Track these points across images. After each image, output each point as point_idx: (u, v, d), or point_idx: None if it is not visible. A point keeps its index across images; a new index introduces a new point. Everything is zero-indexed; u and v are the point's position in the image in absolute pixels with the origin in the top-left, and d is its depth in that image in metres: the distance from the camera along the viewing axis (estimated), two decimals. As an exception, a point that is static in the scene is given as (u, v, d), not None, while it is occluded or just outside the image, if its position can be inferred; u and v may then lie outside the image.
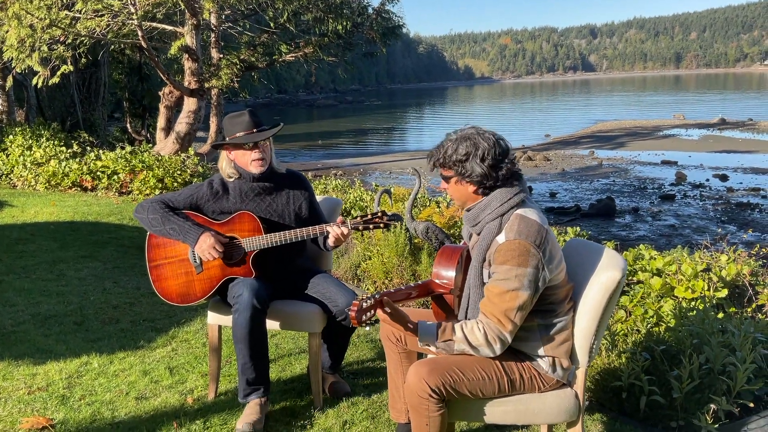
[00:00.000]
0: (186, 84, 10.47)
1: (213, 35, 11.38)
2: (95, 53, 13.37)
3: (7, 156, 9.52)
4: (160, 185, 8.04)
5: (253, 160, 2.74)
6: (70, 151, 9.57)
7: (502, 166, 2.04)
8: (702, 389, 2.70)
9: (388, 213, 2.74)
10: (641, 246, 4.07)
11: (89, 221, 6.72)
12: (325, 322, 2.82)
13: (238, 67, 10.76)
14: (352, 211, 5.98)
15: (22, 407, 2.83)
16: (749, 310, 3.48)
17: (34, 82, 10.25)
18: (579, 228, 4.83)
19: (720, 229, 9.57)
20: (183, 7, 9.61)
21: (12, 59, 9.53)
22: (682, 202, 13.01)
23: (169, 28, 10.76)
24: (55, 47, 9.59)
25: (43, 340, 3.59)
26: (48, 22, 8.63)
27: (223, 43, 11.85)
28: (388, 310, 2.00)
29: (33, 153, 9.33)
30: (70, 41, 9.60)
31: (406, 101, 68.49)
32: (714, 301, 3.38)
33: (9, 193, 8.41)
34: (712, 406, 2.53)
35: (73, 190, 8.72)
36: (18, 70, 10.36)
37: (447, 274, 2.19)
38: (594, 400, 2.92)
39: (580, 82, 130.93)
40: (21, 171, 9.08)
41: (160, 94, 11.46)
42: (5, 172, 9.33)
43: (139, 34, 9.10)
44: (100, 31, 9.65)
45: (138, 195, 8.08)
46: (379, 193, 4.24)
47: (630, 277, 3.66)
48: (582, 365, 2.15)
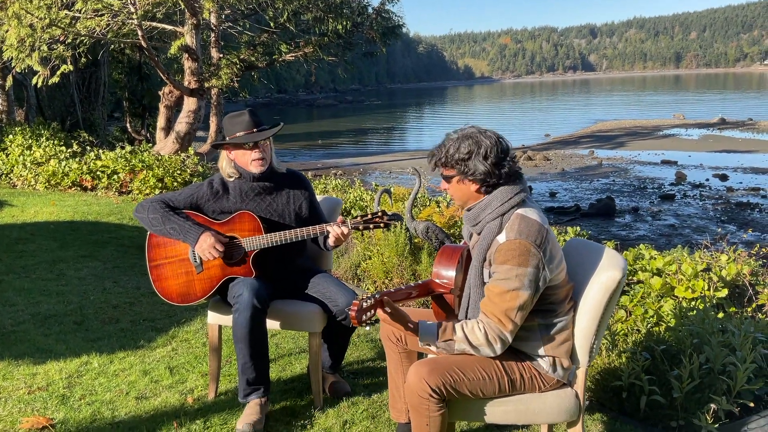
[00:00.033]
0: (186, 83, 10.46)
1: (213, 35, 11.38)
2: (95, 53, 13.36)
3: (7, 155, 9.52)
4: (160, 185, 8.04)
5: (254, 160, 2.74)
6: (69, 150, 9.56)
7: (504, 164, 2.04)
8: (702, 389, 2.70)
9: (389, 213, 2.74)
10: (641, 246, 4.07)
11: (89, 221, 6.71)
12: (326, 321, 2.82)
13: (238, 66, 10.75)
14: (352, 211, 5.98)
15: (22, 407, 2.82)
16: (749, 309, 3.48)
17: (34, 81, 10.24)
18: (579, 228, 4.83)
19: (720, 229, 9.58)
20: (183, 6, 9.61)
21: (12, 59, 9.52)
22: (682, 201, 13.02)
23: (169, 27, 10.76)
24: (55, 47, 9.58)
25: (43, 340, 3.59)
26: (48, 21, 8.63)
27: (223, 43, 11.85)
28: (388, 309, 2.00)
29: (33, 152, 9.33)
30: (69, 41, 9.59)
31: (406, 101, 68.50)
32: (714, 301, 3.38)
33: (9, 193, 8.40)
34: (713, 406, 2.53)
35: (72, 189, 8.72)
36: (18, 70, 10.35)
37: (447, 273, 2.19)
38: (594, 399, 2.92)
39: (580, 82, 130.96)
40: (21, 170, 9.08)
41: (160, 93, 11.45)
42: (5, 172, 9.33)
43: (139, 33, 9.10)
44: (100, 30, 9.65)
45: (138, 195, 8.08)
46: (379, 192, 4.23)
47: (630, 277, 3.66)
48: (582, 365, 2.15)
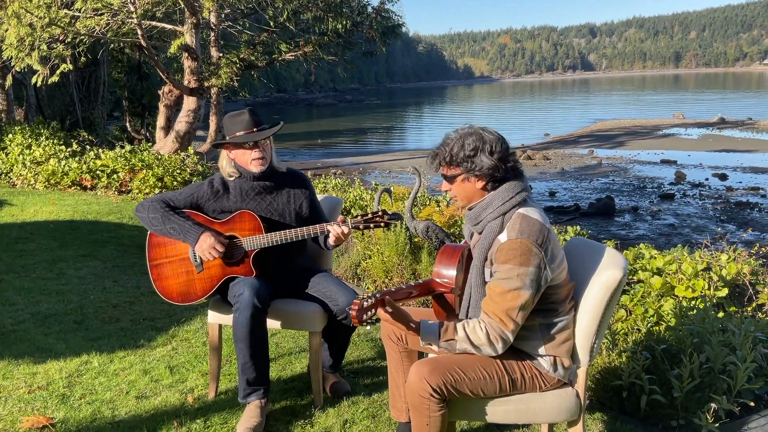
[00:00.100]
0: (185, 83, 10.45)
1: (213, 34, 11.37)
2: (95, 52, 13.36)
3: (7, 155, 9.51)
4: (160, 184, 8.04)
5: (254, 159, 2.74)
6: (69, 150, 9.55)
7: (509, 158, 2.05)
8: (702, 388, 2.70)
9: (389, 212, 2.73)
10: (641, 245, 4.06)
11: (89, 220, 6.71)
12: (326, 321, 2.82)
13: (238, 66, 10.75)
14: (352, 210, 5.98)
15: (22, 406, 2.82)
16: (749, 309, 3.48)
17: (34, 80, 10.22)
18: (579, 227, 4.83)
19: (719, 228, 9.59)
20: (182, 5, 9.60)
21: (11, 58, 9.50)
22: (682, 201, 13.02)
23: (168, 26, 10.75)
24: (55, 46, 9.57)
25: (43, 339, 3.58)
26: (47, 20, 8.61)
27: (222, 42, 11.84)
28: (389, 309, 2.00)
29: (32, 152, 9.32)
30: (69, 40, 9.58)
31: (406, 100, 68.50)
32: (714, 300, 3.38)
33: (8, 192, 8.39)
34: (713, 405, 2.53)
35: (72, 188, 8.71)
36: (17, 69, 10.33)
37: (448, 273, 2.19)
38: (594, 399, 2.92)
39: (580, 81, 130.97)
40: (20, 170, 9.07)
41: (160, 93, 11.43)
42: (5, 171, 9.32)
43: (139, 32, 9.09)
44: (100, 29, 9.64)
45: (137, 194, 8.07)
46: (379, 192, 4.23)
47: (630, 276, 3.66)
48: (583, 364, 2.15)
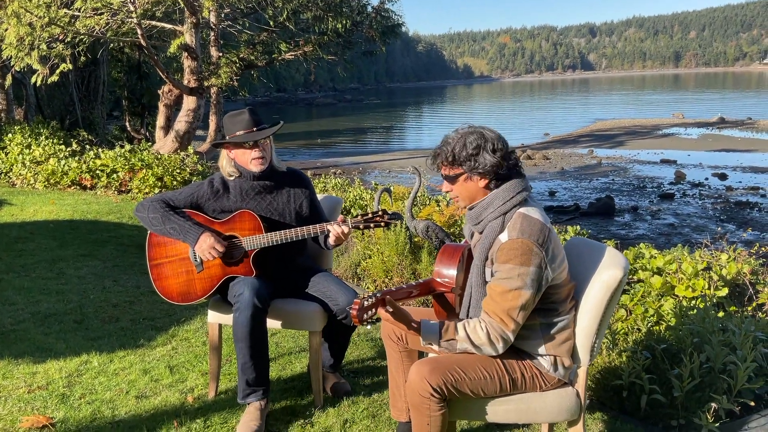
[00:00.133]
0: (185, 82, 10.45)
1: (212, 33, 11.36)
2: (94, 51, 13.34)
3: (6, 154, 9.51)
4: (160, 184, 8.03)
5: (254, 159, 2.74)
6: (69, 149, 9.55)
7: (511, 155, 2.05)
8: (703, 388, 2.70)
9: (389, 212, 2.73)
10: (641, 245, 4.06)
11: (88, 220, 6.71)
12: (326, 320, 2.82)
13: (238, 65, 10.73)
14: (352, 210, 5.98)
15: (22, 406, 2.82)
16: (750, 308, 3.48)
17: (33, 80, 10.22)
18: (579, 227, 4.83)
19: (719, 228, 9.59)
20: (182, 5, 9.59)
21: (11, 57, 9.49)
22: (682, 201, 13.02)
23: (168, 26, 10.74)
24: (54, 45, 9.56)
25: (42, 339, 3.58)
26: (47, 20, 8.61)
27: (222, 42, 11.83)
28: (389, 309, 1.99)
29: (32, 151, 9.32)
30: (69, 39, 9.56)
31: (405, 100, 68.48)
32: (714, 300, 3.38)
33: (8, 192, 8.39)
34: (713, 405, 2.53)
35: (72, 188, 8.71)
36: (17, 68, 10.32)
37: (448, 272, 2.19)
38: (595, 398, 2.92)
39: (579, 81, 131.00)
40: (20, 169, 9.07)
41: (160, 92, 11.43)
42: (4, 171, 9.32)
43: (139, 32, 9.09)
44: (100, 29, 9.63)
45: (137, 193, 8.07)
46: (379, 191, 4.23)
47: (630, 276, 3.66)
48: (583, 364, 2.15)
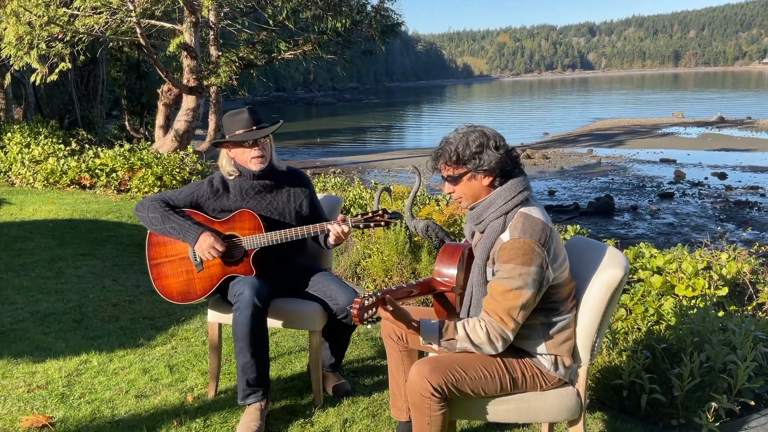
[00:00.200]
0: (185, 81, 10.43)
1: (212, 33, 11.34)
2: (93, 51, 13.31)
3: (5, 153, 9.49)
4: (159, 183, 8.02)
5: (253, 158, 2.73)
6: (68, 148, 9.53)
7: (513, 152, 2.05)
8: (703, 387, 2.70)
9: (389, 211, 2.73)
10: (641, 244, 4.06)
11: (88, 219, 6.70)
12: (326, 320, 2.82)
13: (237, 64, 10.72)
14: (352, 209, 5.98)
15: (21, 405, 2.82)
16: (750, 308, 3.48)
17: (33, 79, 10.18)
18: (579, 226, 4.83)
19: (719, 228, 9.60)
20: (181, 4, 9.58)
21: (10, 56, 9.48)
22: (681, 200, 13.03)
23: (167, 25, 10.73)
24: (54, 45, 9.54)
25: (42, 338, 3.58)
26: (46, 19, 8.59)
27: (221, 41, 11.81)
28: (390, 308, 1.99)
29: (31, 150, 9.30)
30: (68, 39, 9.54)
31: (405, 99, 68.48)
32: (714, 299, 3.38)
33: (7, 191, 8.38)
34: (713, 404, 2.53)
35: (71, 187, 8.70)
36: (16, 68, 10.29)
37: (449, 272, 2.19)
38: (595, 398, 2.92)
39: (579, 80, 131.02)
40: (19, 168, 9.06)
41: (159, 91, 11.41)
42: (3, 170, 9.30)
43: (138, 31, 9.07)
44: (99, 28, 9.61)
45: (137, 193, 8.06)
46: (379, 191, 4.23)
47: (630, 276, 3.66)
48: (584, 363, 2.14)
